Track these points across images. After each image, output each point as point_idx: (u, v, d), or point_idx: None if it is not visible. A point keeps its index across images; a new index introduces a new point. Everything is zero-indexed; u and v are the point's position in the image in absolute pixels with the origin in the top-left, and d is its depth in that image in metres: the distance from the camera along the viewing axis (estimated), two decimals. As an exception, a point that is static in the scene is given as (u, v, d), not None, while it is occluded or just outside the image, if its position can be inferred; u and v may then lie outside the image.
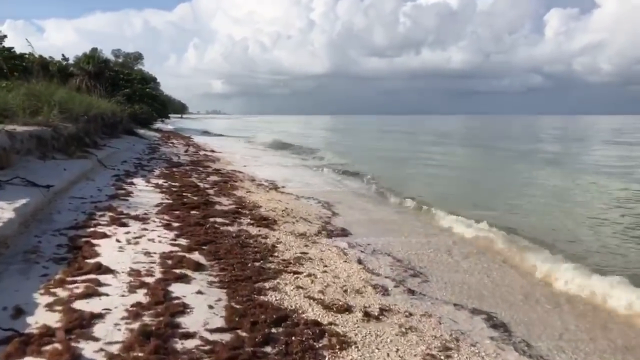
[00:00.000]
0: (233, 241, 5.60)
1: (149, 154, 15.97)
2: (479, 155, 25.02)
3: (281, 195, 9.89)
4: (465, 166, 19.26)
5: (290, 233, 6.43)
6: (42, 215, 5.83)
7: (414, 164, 18.42)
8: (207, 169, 13.53)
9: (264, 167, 15.44)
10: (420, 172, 16.51)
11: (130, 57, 60.17)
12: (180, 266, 4.52)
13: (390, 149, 27.38)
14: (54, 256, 4.45)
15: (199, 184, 10.23)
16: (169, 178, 10.66)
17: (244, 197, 8.98)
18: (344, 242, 6.26)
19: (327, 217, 8.09)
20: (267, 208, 8.08)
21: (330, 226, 7.31)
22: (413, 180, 14.12)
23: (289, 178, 12.77)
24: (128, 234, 5.50)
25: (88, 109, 15.12)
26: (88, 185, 8.50)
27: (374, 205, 9.67)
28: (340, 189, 11.71)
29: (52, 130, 10.36)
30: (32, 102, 11.10)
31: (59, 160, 9.36)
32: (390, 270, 5.19)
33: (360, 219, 8.25)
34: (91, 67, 35.07)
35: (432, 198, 10.54)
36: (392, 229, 7.64)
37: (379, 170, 15.59)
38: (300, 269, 4.84)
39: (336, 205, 9.36)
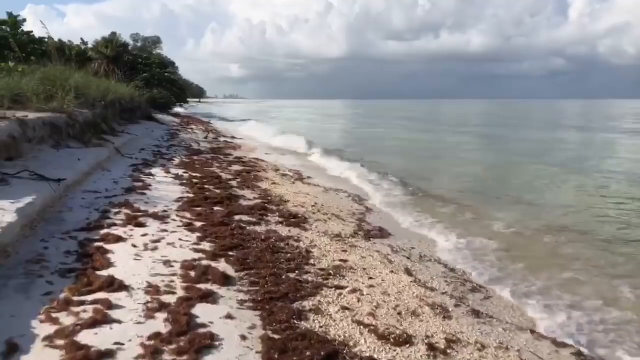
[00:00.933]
0: (263, 245, 4.95)
1: (168, 141, 15.43)
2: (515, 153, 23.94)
3: (308, 188, 9.23)
4: (495, 163, 18.33)
5: (324, 234, 5.76)
6: (51, 214, 5.26)
7: (449, 161, 17.54)
8: (229, 157, 12.91)
9: (286, 156, 14.79)
10: (453, 168, 15.66)
11: (148, 42, 59.78)
12: (206, 279, 3.88)
13: (416, 140, 26.49)
14: (60, 267, 3.85)
15: (220, 174, 9.61)
16: (189, 168, 10.06)
17: (269, 190, 8.33)
18: (386, 246, 5.57)
19: (360, 214, 7.41)
20: (296, 203, 7.42)
21: (367, 225, 6.63)
22: (446, 177, 13.30)
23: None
24: (145, 236, 4.89)
25: (105, 94, 14.58)
26: (104, 176, 7.93)
27: (407, 201, 8.93)
28: (370, 183, 10.98)
29: (67, 117, 9.81)
30: (47, 88, 10.58)
31: (73, 149, 8.82)
32: (445, 283, 4.49)
33: (397, 216, 7.54)
34: (110, 51, 34.70)
35: (468, 195, 9.77)
36: (433, 227, 6.93)
37: (411, 166, 14.84)
38: (342, 282, 4.17)
39: (369, 200, 8.67)
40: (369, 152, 17.01)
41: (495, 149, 20.55)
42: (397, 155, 17.06)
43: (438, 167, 14.20)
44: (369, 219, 7.12)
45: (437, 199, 9.17)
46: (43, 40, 27.13)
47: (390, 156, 16.14)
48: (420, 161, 15.61)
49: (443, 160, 16.30)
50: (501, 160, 16.55)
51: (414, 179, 11.19)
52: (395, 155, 16.69)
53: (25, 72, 11.64)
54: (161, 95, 35.75)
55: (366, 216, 7.33)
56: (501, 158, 17.24)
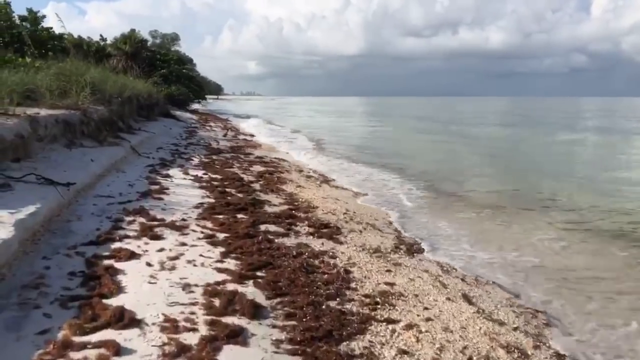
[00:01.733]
0: (295, 263, 4.30)
1: (186, 139, 14.90)
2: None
3: (336, 192, 8.57)
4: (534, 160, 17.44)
5: (361, 248, 5.10)
6: (57, 224, 4.68)
7: (477, 162, 16.73)
8: (249, 156, 12.33)
9: (308, 155, 14.15)
10: (483, 169, 14.83)
11: (167, 38, 59.64)
12: (232, 310, 3.25)
13: (439, 140, 25.64)
14: (62, 294, 3.25)
15: (242, 175, 9.01)
16: (208, 168, 9.48)
17: (295, 194, 7.70)
18: (434, 264, 4.89)
19: (398, 222, 6.73)
20: (325, 209, 6.77)
21: (408, 237, 5.94)
22: (476, 179, 12.50)
23: (335, 169, 11.44)
24: (162, 251, 4.28)
25: (122, 90, 14.09)
26: (118, 178, 7.38)
27: (445, 206, 8.20)
28: (399, 185, 10.27)
29: (82, 114, 9.29)
30: (61, 83, 10.10)
31: (87, 149, 8.29)
32: (514, 314, 3.79)
33: (438, 224, 6.84)
34: (128, 47, 34.40)
35: (502, 197, 9.00)
36: (478, 239, 6.22)
37: (438, 167, 14.08)
38: (393, 313, 3.50)
39: (401, 206, 7.97)
40: (393, 154, 16.29)
41: (525, 149, 19.62)
42: (422, 156, 16.29)
43: (466, 169, 13.43)
44: (407, 229, 6.44)
45: (470, 202, 8.47)
46: (63, 36, 26.96)
47: (414, 158, 15.39)
48: (446, 163, 14.83)
49: (470, 160, 15.49)
50: (534, 161, 15.67)
51: (443, 182, 10.47)
52: (420, 156, 15.93)
53: (42, 67, 11.21)
54: (179, 91, 35.40)
55: (403, 225, 6.65)
56: (533, 158, 16.35)
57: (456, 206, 8.20)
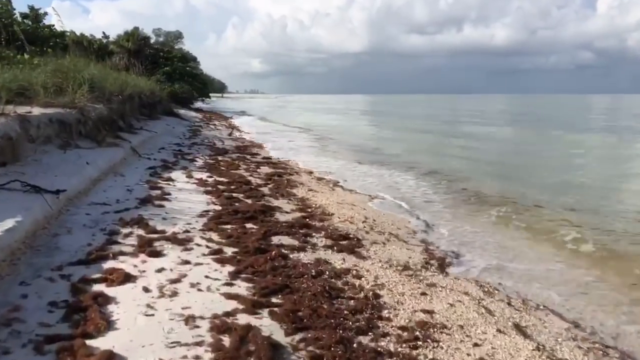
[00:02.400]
0: (315, 286, 3.71)
1: (190, 138, 14.34)
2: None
3: (350, 196, 7.97)
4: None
5: (388, 264, 4.51)
6: (42, 239, 4.11)
7: (492, 159, 16.07)
8: (256, 156, 11.75)
9: (316, 156, 13.54)
10: (499, 167, 14.17)
11: (170, 36, 59.06)
12: (246, 353, 2.66)
13: (450, 136, 24.97)
14: (38, 333, 2.68)
15: (249, 178, 8.43)
16: (214, 170, 8.90)
17: (307, 199, 7.11)
18: (472, 283, 4.28)
19: (422, 231, 6.12)
20: (342, 217, 6.17)
21: (436, 249, 5.34)
22: (494, 177, 11.86)
23: (346, 173, 10.83)
24: (162, 272, 3.71)
25: (123, 87, 13.53)
26: (116, 182, 6.81)
27: (464, 209, 7.59)
28: (413, 186, 9.66)
29: (78, 113, 8.73)
30: (57, 80, 9.54)
31: (83, 150, 7.72)
32: (579, 350, 3.18)
33: (462, 231, 6.24)
34: (131, 44, 33.88)
35: (527, 195, 8.37)
36: (508, 246, 5.62)
37: (451, 166, 13.45)
38: (439, 353, 2.90)
39: (421, 209, 7.36)
40: (402, 152, 15.65)
41: (550, 147, 18.94)
42: (431, 155, 15.63)
43: (479, 168, 12.80)
44: (432, 239, 5.83)
45: (489, 203, 7.87)
46: (65, 34, 26.44)
47: (424, 156, 14.74)
48: (458, 162, 14.17)
49: (484, 158, 14.84)
50: (561, 162, 15.01)
51: (458, 182, 9.85)
52: (429, 155, 15.27)
53: (40, 64, 10.68)
54: (183, 89, 34.87)
55: (427, 234, 6.04)
56: (558, 158, 15.68)
57: (476, 208, 7.59)
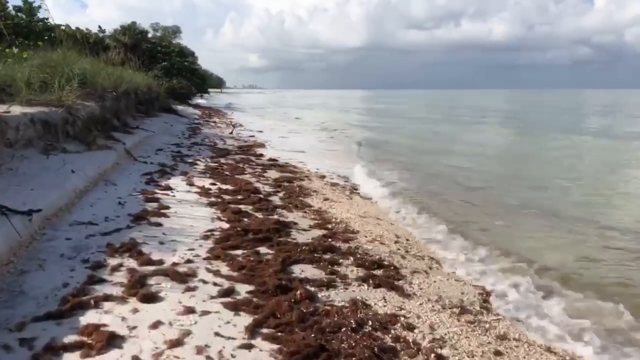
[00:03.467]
0: (359, 347, 2.82)
1: (190, 138, 13.40)
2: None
3: (372, 207, 7.09)
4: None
5: (440, 305, 3.62)
6: (4, 278, 3.21)
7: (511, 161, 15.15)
8: (260, 158, 10.84)
9: (318, 156, 12.62)
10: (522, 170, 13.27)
11: (168, 31, 57.94)
12: None
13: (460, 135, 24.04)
14: None
15: (257, 185, 7.54)
16: (217, 176, 8.00)
17: (325, 212, 6.22)
18: (553, 335, 3.39)
19: (464, 253, 5.23)
20: (368, 235, 5.29)
21: (490, 284, 4.44)
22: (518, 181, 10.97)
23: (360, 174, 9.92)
24: (157, 328, 2.81)
25: (118, 83, 12.59)
26: (106, 194, 5.90)
27: (499, 220, 6.70)
28: (433, 192, 8.76)
29: (66, 112, 7.80)
30: (43, 75, 8.62)
31: (69, 155, 6.81)
32: None
33: (506, 252, 5.35)
34: (127, 38, 32.83)
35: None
36: (562, 269, 4.73)
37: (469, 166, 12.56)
38: None
39: (454, 224, 6.47)
40: (408, 151, 14.76)
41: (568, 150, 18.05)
42: (441, 154, 14.70)
43: (493, 169, 11.93)
44: (479, 266, 4.94)
45: (515, 210, 6.98)
46: (60, 27, 25.41)
47: (433, 156, 13.81)
48: (470, 161, 13.27)
49: (498, 161, 13.97)
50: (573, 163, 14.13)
51: (475, 185, 8.98)
52: (439, 155, 14.34)
53: (28, 58, 9.75)
54: (181, 85, 33.88)
55: (470, 260, 5.15)
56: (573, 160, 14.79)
57: (508, 219, 6.72)
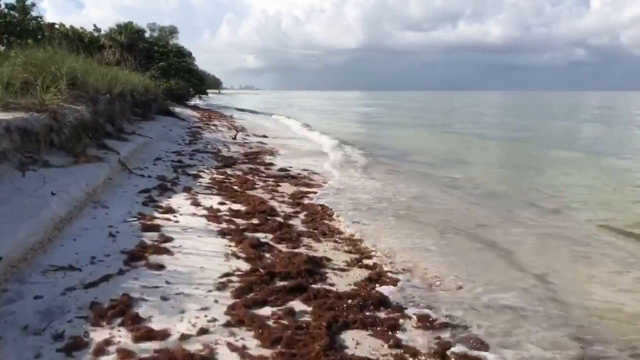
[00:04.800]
0: None
1: (190, 144, 12.30)
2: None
3: (406, 228, 6.00)
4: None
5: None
6: None
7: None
8: (270, 167, 9.76)
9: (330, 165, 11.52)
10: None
11: (165, 31, 56.87)
12: None
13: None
14: None
15: (272, 203, 6.48)
16: (225, 192, 6.93)
17: (359, 241, 5.16)
18: None
19: (541, 294, 4.17)
20: (421, 275, 4.22)
21: (594, 339, 3.38)
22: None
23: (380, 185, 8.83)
24: None
25: (112, 84, 11.49)
26: (94, 221, 4.81)
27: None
28: (471, 206, 7.70)
29: (50, 117, 6.71)
30: (26, 76, 7.55)
31: (52, 170, 5.72)
32: None
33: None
34: (123, 38, 31.71)
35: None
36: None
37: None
38: None
39: (518, 249, 5.38)
40: (421, 154, 13.67)
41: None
42: (458, 158, 13.64)
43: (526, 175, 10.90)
44: (566, 308, 3.89)
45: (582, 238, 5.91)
46: (54, 26, 24.28)
47: (447, 160, 12.76)
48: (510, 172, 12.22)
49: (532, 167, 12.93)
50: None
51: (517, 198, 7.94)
52: (456, 159, 13.28)
53: (15, 56, 8.70)
54: (178, 85, 32.79)
55: (553, 295, 4.09)
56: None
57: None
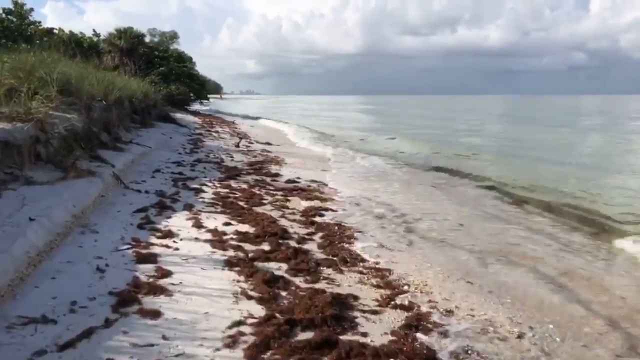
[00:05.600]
0: None
1: (192, 153, 11.60)
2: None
3: (443, 255, 5.28)
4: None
5: None
6: None
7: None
8: (277, 179, 9.06)
9: (341, 174, 10.81)
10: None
11: (165, 36, 56.40)
12: None
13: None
14: None
15: (283, 221, 5.79)
16: (230, 209, 6.22)
17: (387, 271, 4.45)
18: None
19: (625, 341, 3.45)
20: (470, 316, 3.52)
21: None
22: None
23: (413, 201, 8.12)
24: None
25: (108, 90, 10.82)
26: (80, 250, 4.10)
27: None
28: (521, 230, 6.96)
29: (36, 128, 6.02)
30: (9, 82, 6.86)
31: (34, 189, 5.01)
32: None
33: None
34: (123, 42, 31.09)
35: None
36: None
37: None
38: None
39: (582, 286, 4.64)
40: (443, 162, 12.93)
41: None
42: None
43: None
44: None
45: None
46: (52, 31, 23.67)
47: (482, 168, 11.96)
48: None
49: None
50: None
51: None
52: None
53: (3, 61, 8.02)
54: (179, 91, 32.14)
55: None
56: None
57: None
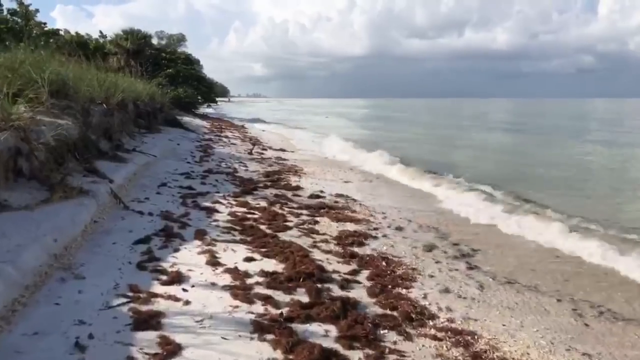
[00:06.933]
0: None
1: (201, 162, 10.51)
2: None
3: (533, 305, 4.16)
4: None
5: None
6: None
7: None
8: (299, 193, 7.97)
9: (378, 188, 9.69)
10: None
11: (173, 39, 55.74)
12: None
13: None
14: None
15: (314, 253, 4.69)
16: (252, 237, 5.12)
17: (465, 332, 3.34)
18: None
19: None
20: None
21: None
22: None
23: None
24: None
25: (110, 92, 9.77)
26: (56, 311, 3.00)
27: None
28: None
29: (17, 138, 4.96)
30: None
31: (5, 217, 3.94)
32: None
33: None
34: (129, 44, 30.21)
35: None
36: None
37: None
38: None
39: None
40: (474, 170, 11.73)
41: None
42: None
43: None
44: None
45: None
46: (58, 32, 22.82)
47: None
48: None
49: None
50: None
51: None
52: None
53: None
54: (187, 94, 31.17)
55: None
56: None
57: None
